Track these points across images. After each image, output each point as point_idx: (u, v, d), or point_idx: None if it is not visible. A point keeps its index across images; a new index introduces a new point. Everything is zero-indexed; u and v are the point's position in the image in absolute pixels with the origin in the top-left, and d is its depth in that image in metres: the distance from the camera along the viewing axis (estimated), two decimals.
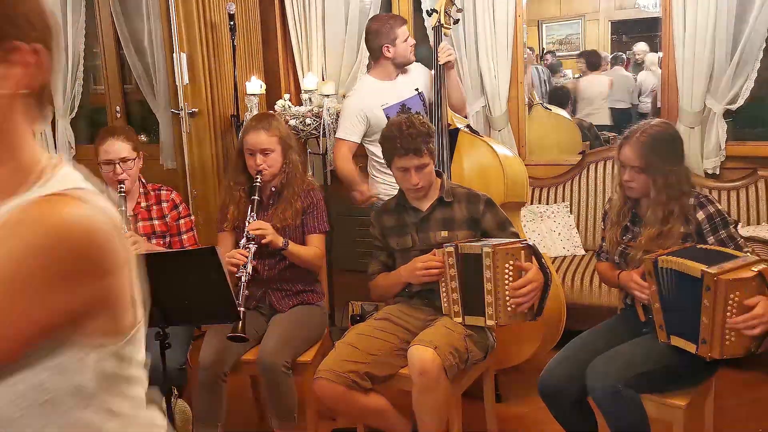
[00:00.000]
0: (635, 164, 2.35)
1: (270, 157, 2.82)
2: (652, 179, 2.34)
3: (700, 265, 2.11)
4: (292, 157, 2.90)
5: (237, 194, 2.89)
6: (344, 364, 2.43)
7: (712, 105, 3.65)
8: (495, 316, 2.45)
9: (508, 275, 2.41)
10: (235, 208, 2.88)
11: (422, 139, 2.53)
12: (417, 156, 2.53)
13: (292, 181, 2.88)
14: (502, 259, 2.41)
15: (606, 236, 2.60)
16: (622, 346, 2.34)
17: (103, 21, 5.01)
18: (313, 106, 3.99)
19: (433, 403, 2.38)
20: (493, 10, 3.98)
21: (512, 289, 2.41)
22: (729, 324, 2.08)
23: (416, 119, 2.60)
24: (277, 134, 2.84)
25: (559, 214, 4.00)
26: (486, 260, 2.42)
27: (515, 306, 2.43)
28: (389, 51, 3.40)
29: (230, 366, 2.68)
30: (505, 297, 2.42)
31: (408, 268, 2.64)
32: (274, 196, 2.91)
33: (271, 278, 2.89)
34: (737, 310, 2.07)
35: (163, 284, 2.12)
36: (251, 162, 2.83)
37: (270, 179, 2.86)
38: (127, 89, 5.23)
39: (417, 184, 2.58)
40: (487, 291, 2.44)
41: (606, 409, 2.24)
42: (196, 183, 4.17)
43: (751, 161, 3.69)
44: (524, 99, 4.24)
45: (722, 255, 2.20)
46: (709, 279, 2.07)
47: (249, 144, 2.83)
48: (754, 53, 3.55)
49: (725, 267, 2.10)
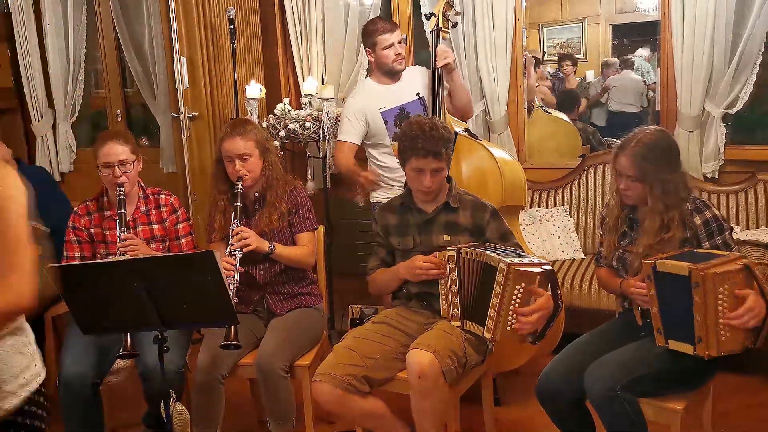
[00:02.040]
0: (630, 173, 2.35)
1: (249, 162, 2.82)
2: (648, 188, 2.34)
3: (687, 263, 2.13)
4: (271, 159, 2.89)
5: (221, 203, 2.89)
6: (342, 368, 2.43)
7: (711, 109, 3.65)
8: (493, 330, 2.39)
9: (516, 296, 2.36)
10: (221, 217, 2.87)
11: (443, 143, 2.54)
12: (436, 159, 2.53)
13: (274, 183, 2.88)
14: (515, 280, 2.34)
15: (603, 242, 2.60)
16: (620, 350, 2.34)
17: (103, 25, 5.03)
18: (312, 110, 4.00)
19: (432, 407, 2.38)
20: (492, 14, 3.99)
21: (518, 314, 2.36)
22: (722, 320, 2.09)
23: (439, 122, 2.60)
24: (253, 138, 2.83)
25: (558, 218, 4.00)
26: (499, 275, 2.36)
27: (515, 329, 2.38)
28: (370, 56, 3.42)
29: (228, 369, 2.68)
30: (508, 316, 2.37)
31: (407, 265, 2.64)
32: (258, 201, 2.91)
33: (268, 282, 2.89)
34: (728, 303, 2.08)
35: (162, 288, 2.12)
36: (231, 169, 2.83)
37: (252, 184, 2.86)
38: (128, 93, 5.25)
39: (430, 186, 2.58)
40: (492, 305, 2.39)
41: (603, 412, 2.24)
42: (196, 187, 4.18)
43: (750, 165, 3.69)
44: (524, 102, 4.24)
45: (718, 258, 2.20)
46: (696, 274, 2.09)
47: (226, 151, 2.82)
48: (753, 57, 3.56)
49: (711, 263, 2.12)
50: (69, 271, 2.22)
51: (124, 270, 2.12)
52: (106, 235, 2.88)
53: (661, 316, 2.26)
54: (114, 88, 5.15)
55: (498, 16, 3.98)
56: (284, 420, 2.69)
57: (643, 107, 6.70)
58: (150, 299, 2.14)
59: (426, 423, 2.39)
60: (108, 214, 2.89)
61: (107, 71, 5.13)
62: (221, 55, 4.18)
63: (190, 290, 2.15)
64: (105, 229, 2.89)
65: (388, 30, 3.35)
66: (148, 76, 4.92)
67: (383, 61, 3.40)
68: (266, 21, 4.54)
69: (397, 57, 3.37)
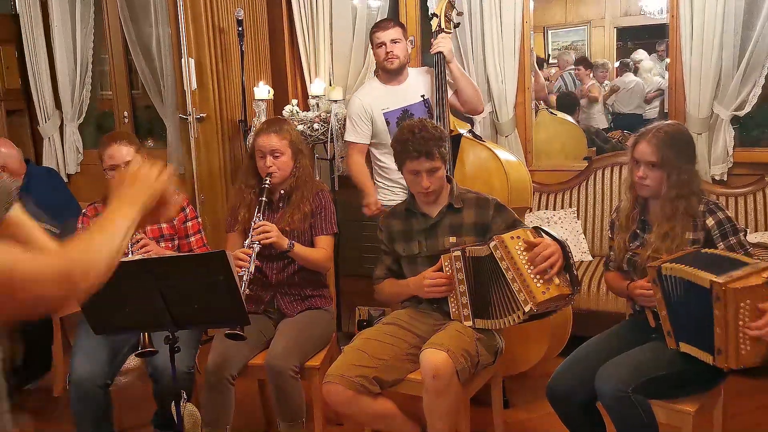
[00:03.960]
0: (651, 159, 2.35)
1: (280, 160, 2.84)
2: (666, 175, 2.35)
3: (709, 275, 2.09)
4: (302, 161, 2.92)
5: (248, 197, 2.92)
6: (353, 369, 2.43)
7: (720, 111, 3.65)
8: (529, 299, 2.30)
9: (522, 255, 2.35)
10: (245, 211, 2.89)
11: (434, 142, 2.54)
12: (429, 159, 2.54)
13: (302, 185, 2.90)
14: (510, 243, 2.37)
15: (614, 243, 2.60)
16: (632, 352, 2.34)
17: (111, 26, 5.04)
18: (320, 111, 4.00)
19: (445, 407, 2.38)
20: (500, 16, 3.99)
21: (531, 263, 2.33)
22: (744, 332, 2.07)
23: (429, 123, 2.62)
24: (287, 138, 2.87)
25: (566, 220, 4.00)
26: (496, 253, 2.39)
27: (544, 281, 2.32)
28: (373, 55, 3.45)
29: (238, 370, 2.68)
30: (530, 277, 2.32)
31: (416, 282, 2.64)
32: (283, 199, 2.92)
33: (280, 282, 2.89)
34: (749, 317, 2.06)
35: (174, 288, 2.13)
36: (261, 164, 2.86)
37: (279, 182, 2.88)
38: (135, 94, 5.26)
39: (428, 187, 2.58)
40: (511, 280, 2.35)
41: (615, 414, 2.24)
42: (203, 188, 4.19)
43: (759, 168, 3.68)
44: (531, 104, 4.24)
45: (728, 260, 2.19)
46: (719, 289, 2.06)
47: (259, 146, 2.87)
48: (762, 60, 3.55)
49: (733, 275, 2.08)
50: None
51: (136, 270, 2.13)
52: None
53: (671, 319, 2.26)
54: (121, 89, 5.16)
55: (506, 18, 3.98)
56: (294, 421, 2.69)
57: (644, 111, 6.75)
58: (162, 299, 2.14)
59: (439, 423, 2.39)
60: None
61: (114, 72, 5.14)
62: (229, 56, 4.19)
63: (202, 290, 2.15)
64: None
65: (382, 28, 3.37)
66: (156, 77, 4.92)
67: (377, 60, 3.44)
68: (274, 23, 4.55)
69: (387, 56, 3.37)
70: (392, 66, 3.39)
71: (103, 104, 5.49)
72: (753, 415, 3.03)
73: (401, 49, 3.38)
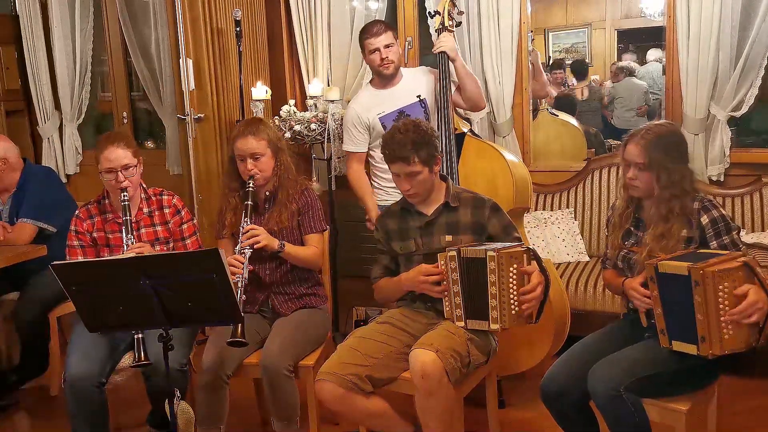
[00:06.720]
0: (639, 161, 2.36)
1: (261, 162, 2.83)
2: (656, 176, 2.34)
3: (687, 263, 2.13)
4: (283, 159, 2.90)
5: (232, 200, 2.90)
6: (345, 367, 2.43)
7: (717, 112, 3.65)
8: (499, 319, 2.45)
9: (512, 279, 2.42)
10: (232, 215, 2.88)
11: (414, 146, 2.51)
12: (404, 163, 2.53)
13: (286, 183, 2.89)
14: (507, 263, 2.41)
15: (608, 240, 2.60)
16: (624, 350, 2.34)
17: (110, 28, 5.06)
18: (318, 111, 4.01)
19: (437, 407, 2.38)
20: (498, 17, 3.99)
21: (520, 294, 2.42)
22: (725, 317, 2.09)
23: (411, 125, 2.57)
24: (265, 138, 2.84)
25: (563, 221, 4.00)
26: (490, 264, 2.42)
27: (520, 310, 2.43)
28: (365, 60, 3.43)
29: (232, 369, 2.69)
30: (510, 301, 2.42)
31: (411, 277, 2.63)
32: (269, 200, 2.92)
33: (274, 282, 2.90)
34: (729, 301, 2.08)
35: (168, 286, 2.13)
36: (242, 167, 2.84)
37: (263, 183, 2.87)
38: (134, 95, 5.27)
39: (408, 190, 2.59)
40: (492, 295, 2.44)
41: (608, 413, 2.23)
42: (201, 188, 4.19)
43: (756, 168, 3.68)
44: (529, 106, 4.24)
45: (717, 257, 2.19)
46: (696, 273, 2.09)
47: (238, 150, 2.84)
48: (758, 60, 3.55)
49: (710, 261, 2.12)
50: (75, 269, 2.23)
51: (130, 268, 2.14)
52: (110, 238, 2.87)
53: (665, 317, 2.26)
54: (120, 90, 5.18)
55: (504, 20, 3.98)
56: (289, 420, 2.69)
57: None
58: (156, 297, 2.15)
59: (432, 423, 2.39)
60: (110, 217, 2.88)
61: (114, 73, 5.16)
62: (227, 57, 4.19)
63: (196, 288, 2.15)
64: (108, 233, 2.87)
65: (373, 34, 3.31)
66: (155, 78, 4.94)
67: (371, 66, 3.41)
68: (272, 23, 4.56)
69: (382, 62, 3.32)
70: (388, 72, 3.36)
71: (102, 105, 5.50)
72: (747, 415, 3.02)
73: (395, 53, 3.36)
